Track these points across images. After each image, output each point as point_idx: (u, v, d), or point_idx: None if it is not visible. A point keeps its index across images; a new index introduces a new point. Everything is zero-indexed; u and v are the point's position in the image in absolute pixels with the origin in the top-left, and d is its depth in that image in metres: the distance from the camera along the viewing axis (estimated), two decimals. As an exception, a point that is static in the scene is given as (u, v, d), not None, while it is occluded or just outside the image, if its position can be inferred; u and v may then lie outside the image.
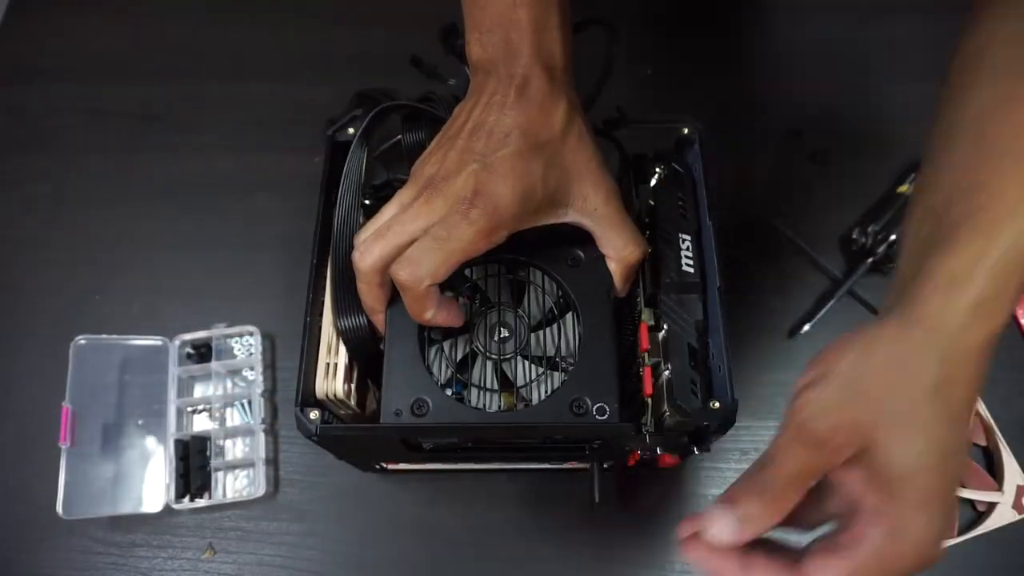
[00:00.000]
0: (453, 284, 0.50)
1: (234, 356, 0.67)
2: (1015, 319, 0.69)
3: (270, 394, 0.67)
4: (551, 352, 0.48)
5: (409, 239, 0.42)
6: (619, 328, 0.48)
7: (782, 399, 0.66)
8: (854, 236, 0.70)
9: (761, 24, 0.84)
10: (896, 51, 0.82)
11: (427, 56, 0.59)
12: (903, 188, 0.71)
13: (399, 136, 0.53)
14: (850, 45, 0.82)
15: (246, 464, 0.64)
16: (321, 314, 0.50)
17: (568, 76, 0.47)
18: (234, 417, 0.66)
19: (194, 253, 0.73)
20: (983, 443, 0.64)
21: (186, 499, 0.62)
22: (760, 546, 0.36)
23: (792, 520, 0.36)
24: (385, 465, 0.60)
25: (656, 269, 0.50)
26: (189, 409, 0.67)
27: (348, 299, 0.47)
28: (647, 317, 0.50)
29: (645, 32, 0.83)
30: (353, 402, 0.49)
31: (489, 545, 0.62)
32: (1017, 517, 0.60)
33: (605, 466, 0.51)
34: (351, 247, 0.45)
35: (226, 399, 0.66)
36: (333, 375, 0.48)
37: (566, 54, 0.47)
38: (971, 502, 0.62)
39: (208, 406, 0.66)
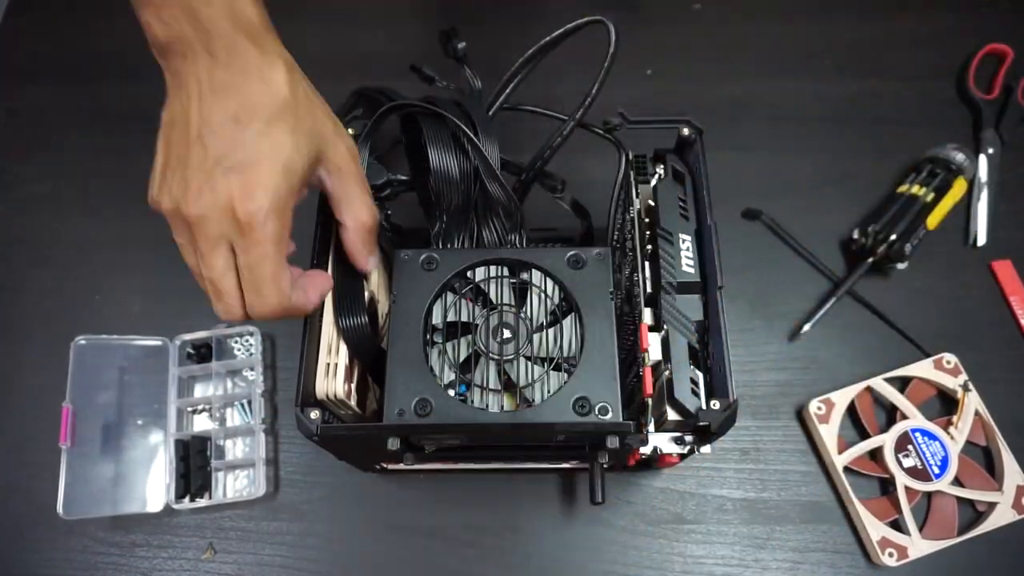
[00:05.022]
0: (454, 287, 0.50)
1: (234, 356, 0.67)
2: (1015, 319, 0.69)
3: (270, 394, 0.67)
4: (553, 353, 0.48)
5: (231, 282, 0.40)
6: (620, 328, 0.48)
7: (782, 399, 0.66)
8: (854, 236, 0.70)
9: (761, 24, 0.84)
10: (896, 51, 0.82)
11: (426, 56, 0.59)
12: (903, 188, 0.71)
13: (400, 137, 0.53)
14: (850, 45, 0.82)
15: (246, 464, 0.64)
16: (321, 314, 0.50)
17: (272, 34, 0.42)
18: (234, 417, 0.66)
19: (194, 253, 0.73)
20: (983, 443, 0.64)
21: (186, 499, 0.62)
22: None
23: None
24: (385, 465, 0.60)
25: (656, 269, 0.50)
26: (189, 409, 0.67)
27: (349, 299, 0.47)
28: (647, 317, 0.50)
29: (645, 32, 0.83)
30: (353, 402, 0.49)
31: (489, 545, 0.62)
32: (1017, 517, 0.60)
33: (605, 466, 0.51)
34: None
35: (226, 399, 0.66)
36: (333, 375, 0.47)
37: (260, 12, 0.42)
38: (971, 502, 0.62)
39: (208, 406, 0.66)
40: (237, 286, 0.40)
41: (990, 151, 0.75)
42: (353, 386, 0.49)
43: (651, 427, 0.48)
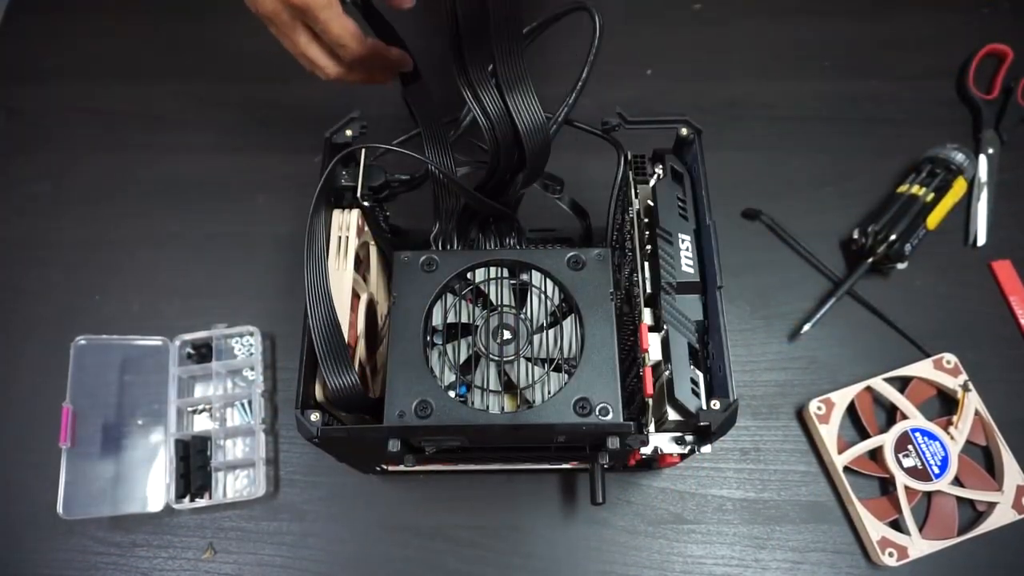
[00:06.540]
0: (454, 288, 0.50)
1: (234, 356, 0.67)
2: (1015, 319, 0.69)
3: (270, 394, 0.67)
4: (553, 354, 0.48)
5: (316, 50, 0.50)
6: (620, 328, 0.48)
7: (782, 399, 0.66)
8: (854, 236, 0.70)
9: (761, 24, 0.84)
10: (896, 51, 0.82)
11: (426, 53, 0.58)
12: (903, 188, 0.71)
13: (398, 140, 0.53)
14: (850, 45, 0.82)
15: (246, 464, 0.64)
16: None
17: None
18: (234, 417, 0.66)
19: (194, 253, 0.73)
20: (983, 443, 0.64)
21: (186, 499, 0.62)
22: None
23: None
24: (386, 467, 0.60)
25: (656, 269, 0.50)
26: (189, 409, 0.67)
27: (334, 361, 0.46)
28: (647, 317, 0.50)
29: (645, 32, 0.83)
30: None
31: (489, 545, 0.62)
32: (1017, 517, 0.60)
33: (606, 466, 0.51)
34: (327, 311, 0.45)
35: (226, 399, 0.66)
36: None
37: None
38: (971, 502, 0.62)
39: (208, 406, 0.66)
40: (324, 52, 0.50)
41: (990, 151, 0.75)
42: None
43: (651, 427, 0.48)
